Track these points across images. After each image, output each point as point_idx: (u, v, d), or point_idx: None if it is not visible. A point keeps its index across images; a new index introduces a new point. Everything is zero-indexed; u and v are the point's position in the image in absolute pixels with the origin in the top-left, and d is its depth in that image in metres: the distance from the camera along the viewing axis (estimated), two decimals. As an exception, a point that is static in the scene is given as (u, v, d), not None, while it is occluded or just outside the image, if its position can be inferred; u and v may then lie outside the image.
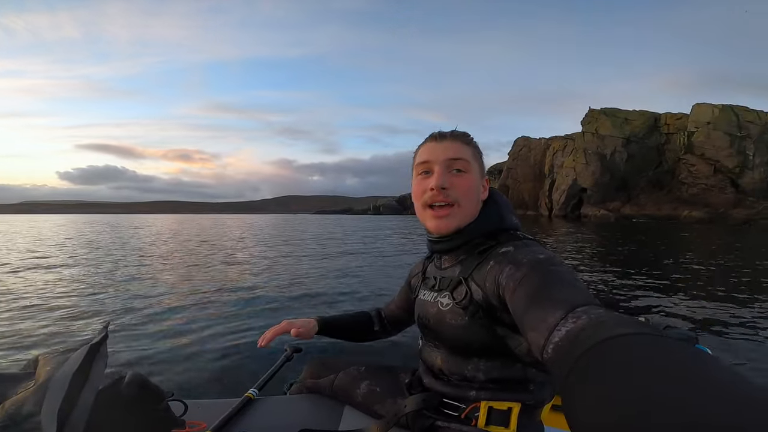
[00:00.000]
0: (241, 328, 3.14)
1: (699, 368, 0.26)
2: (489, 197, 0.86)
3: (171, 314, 3.67)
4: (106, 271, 6.33)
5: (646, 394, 0.24)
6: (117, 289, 4.86)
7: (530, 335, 0.50)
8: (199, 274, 6.20)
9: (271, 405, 1.09)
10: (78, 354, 0.63)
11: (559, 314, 0.46)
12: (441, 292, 0.83)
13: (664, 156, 75.41)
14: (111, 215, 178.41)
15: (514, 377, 0.76)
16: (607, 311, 0.43)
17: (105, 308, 3.91)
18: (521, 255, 0.69)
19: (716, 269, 7.00)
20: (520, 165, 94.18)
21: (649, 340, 0.31)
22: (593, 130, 77.87)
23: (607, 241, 13.74)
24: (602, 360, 0.31)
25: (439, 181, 0.79)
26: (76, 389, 0.56)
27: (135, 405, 0.69)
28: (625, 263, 7.72)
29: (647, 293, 4.81)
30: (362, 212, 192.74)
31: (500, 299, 0.69)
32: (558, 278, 0.59)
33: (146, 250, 10.25)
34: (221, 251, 9.96)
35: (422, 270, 0.99)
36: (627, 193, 73.82)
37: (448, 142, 0.82)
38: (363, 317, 1.17)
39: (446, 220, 0.80)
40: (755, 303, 4.22)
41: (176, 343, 2.82)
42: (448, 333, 0.79)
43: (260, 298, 4.31)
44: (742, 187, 63.74)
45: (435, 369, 0.86)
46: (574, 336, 0.40)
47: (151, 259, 8.06)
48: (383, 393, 0.99)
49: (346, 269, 6.76)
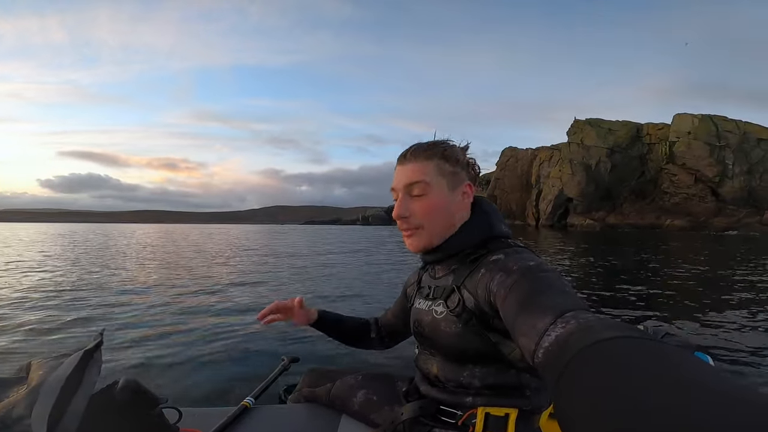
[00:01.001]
0: (237, 337, 3.11)
1: (685, 370, 0.26)
2: (477, 206, 0.86)
3: (165, 323, 3.61)
4: (96, 279, 6.19)
5: (633, 396, 0.25)
6: (109, 297, 4.76)
7: (521, 341, 0.51)
8: (193, 283, 6.13)
9: (268, 414, 1.09)
10: (72, 359, 0.62)
11: (549, 319, 0.47)
12: (435, 301, 0.83)
13: (647, 166, 77.27)
14: (93, 224, 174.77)
15: (510, 383, 0.76)
16: (596, 316, 0.44)
17: (97, 317, 3.84)
18: (511, 262, 0.69)
19: (701, 278, 7.16)
20: (508, 175, 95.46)
21: (636, 344, 0.31)
22: (579, 141, 79.50)
23: (593, 251, 13.95)
24: (591, 363, 0.32)
25: (398, 211, 0.81)
26: (68, 394, 0.56)
27: (128, 410, 0.69)
28: (610, 273, 7.84)
29: (636, 303, 4.89)
30: (351, 223, 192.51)
31: (492, 306, 0.69)
32: (547, 284, 0.59)
33: (136, 258, 10.05)
34: (214, 260, 9.83)
35: (417, 280, 1.00)
36: (612, 203, 75.29)
37: (408, 164, 0.82)
38: (361, 322, 1.18)
39: (412, 240, 0.82)
40: (742, 311, 4.32)
41: (171, 351, 2.78)
42: (442, 340, 0.79)
43: (256, 310, 4.26)
44: (722, 196, 65.57)
45: (431, 376, 0.86)
46: (563, 340, 0.41)
47: (143, 267, 7.91)
48: (380, 401, 0.99)
49: (348, 279, 6.74)
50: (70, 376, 0.58)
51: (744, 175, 66.11)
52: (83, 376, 0.61)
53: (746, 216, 60.32)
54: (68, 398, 0.56)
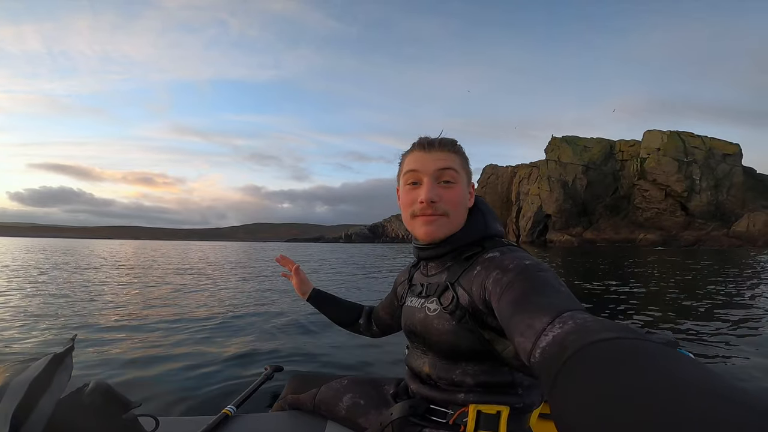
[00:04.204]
0: (218, 345, 3.00)
1: (685, 372, 0.26)
2: (474, 205, 0.87)
3: (141, 330, 3.47)
4: (68, 291, 5.90)
5: (631, 396, 0.25)
6: (83, 306, 4.54)
7: (517, 340, 0.51)
8: (172, 293, 5.92)
9: (250, 422, 1.06)
10: (40, 363, 0.61)
11: (546, 319, 0.47)
12: (428, 298, 0.82)
13: (620, 182, 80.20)
14: (66, 239, 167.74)
15: (502, 381, 0.76)
16: (593, 316, 0.44)
17: (72, 323, 3.65)
18: (507, 260, 0.69)
19: (674, 290, 7.38)
20: (489, 192, 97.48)
21: (635, 344, 0.32)
22: (556, 158, 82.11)
23: (571, 266, 14.25)
24: (589, 363, 0.32)
25: (429, 194, 0.78)
26: (35, 396, 0.55)
27: (98, 414, 0.66)
28: (588, 286, 8.01)
29: (615, 310, 5.00)
30: (334, 240, 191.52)
31: (486, 304, 0.69)
32: (544, 283, 0.59)
33: (110, 272, 9.67)
34: (193, 272, 9.56)
35: (408, 278, 1.00)
36: (588, 219, 77.47)
37: (436, 151, 0.80)
38: (353, 306, 1.23)
39: (435, 226, 0.79)
40: (711, 320, 4.47)
41: (148, 359, 2.66)
42: (435, 338, 0.79)
43: (240, 318, 4.17)
44: (690, 210, 68.43)
45: (422, 375, 0.85)
46: (560, 340, 0.40)
47: (119, 279, 7.60)
48: (367, 405, 0.98)
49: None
50: (37, 378, 0.56)
51: (711, 189, 69.41)
52: (52, 379, 0.59)
53: (714, 229, 63.06)
54: (34, 400, 0.54)
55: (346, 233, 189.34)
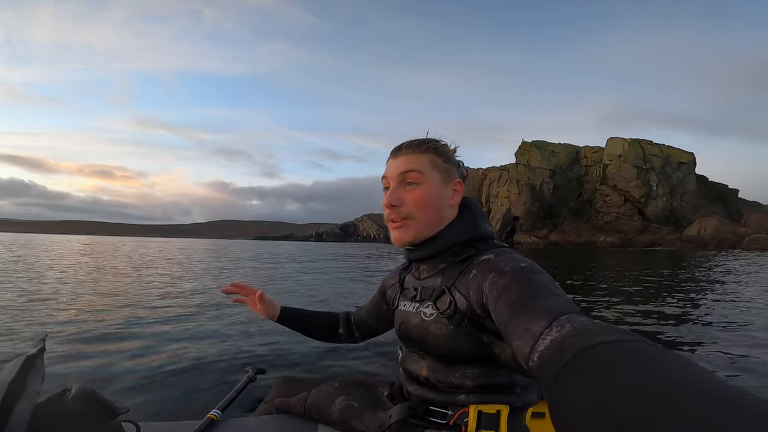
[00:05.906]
0: (200, 348, 2.88)
1: (684, 373, 0.26)
2: (464, 205, 0.85)
3: (121, 332, 3.28)
4: (35, 290, 5.50)
5: (630, 398, 0.25)
6: (56, 307, 4.24)
7: (515, 344, 0.50)
8: (149, 292, 5.67)
9: (237, 427, 1.01)
10: (12, 364, 0.58)
11: (544, 323, 0.47)
12: (423, 303, 0.81)
13: (584, 187, 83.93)
14: (15, 234, 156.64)
15: (501, 382, 0.76)
16: (590, 319, 0.44)
17: (44, 324, 3.40)
18: (503, 262, 0.69)
19: (631, 289, 7.78)
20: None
21: (634, 347, 0.32)
22: (525, 162, 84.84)
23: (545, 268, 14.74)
24: (588, 366, 0.32)
25: (388, 199, 0.79)
26: (12, 401, 0.52)
27: (82, 421, 0.62)
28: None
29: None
30: (304, 239, 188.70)
31: (484, 308, 0.69)
32: (540, 286, 0.59)
33: (83, 267, 9.10)
34: (170, 272, 9.15)
35: (399, 281, 0.97)
36: (553, 221, 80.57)
37: (402, 155, 0.81)
38: (328, 316, 1.15)
39: (401, 231, 0.80)
40: (655, 315, 4.74)
41: (127, 361, 2.52)
42: (433, 342, 0.78)
43: (221, 318, 4.06)
44: (647, 215, 72.60)
45: (420, 378, 0.84)
46: (558, 344, 0.40)
47: (93, 277, 7.17)
48: (362, 407, 0.95)
49: (314, 287, 6.53)
50: (12, 381, 0.53)
51: (666, 195, 73.97)
52: (26, 382, 0.56)
53: (668, 233, 67.23)
54: (11, 405, 0.51)
55: (317, 232, 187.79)
